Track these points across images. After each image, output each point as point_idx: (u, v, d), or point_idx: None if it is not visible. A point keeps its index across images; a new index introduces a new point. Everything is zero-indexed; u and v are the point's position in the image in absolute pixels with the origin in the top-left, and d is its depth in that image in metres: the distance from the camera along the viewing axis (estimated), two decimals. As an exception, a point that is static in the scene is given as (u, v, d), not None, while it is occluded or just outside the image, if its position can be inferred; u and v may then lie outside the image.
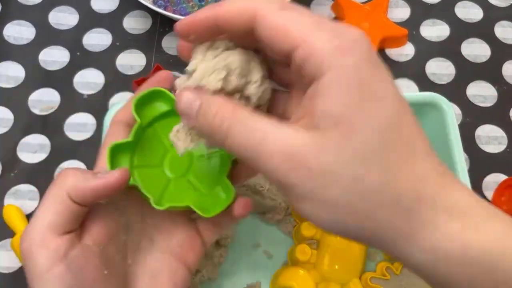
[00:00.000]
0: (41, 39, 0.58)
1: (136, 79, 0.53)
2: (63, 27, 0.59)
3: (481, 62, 0.57)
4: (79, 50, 0.57)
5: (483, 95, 0.55)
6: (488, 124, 0.53)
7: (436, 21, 0.59)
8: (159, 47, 0.57)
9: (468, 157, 0.51)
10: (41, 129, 0.52)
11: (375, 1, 0.59)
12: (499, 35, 0.58)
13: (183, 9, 0.57)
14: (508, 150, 0.52)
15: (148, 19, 0.59)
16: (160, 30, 0.58)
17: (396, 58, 0.57)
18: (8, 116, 0.53)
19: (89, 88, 0.55)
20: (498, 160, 0.51)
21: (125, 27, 0.59)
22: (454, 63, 0.56)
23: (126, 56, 0.57)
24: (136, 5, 0.59)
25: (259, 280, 0.44)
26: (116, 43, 0.58)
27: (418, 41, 0.58)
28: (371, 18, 0.57)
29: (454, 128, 0.43)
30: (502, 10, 0.60)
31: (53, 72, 0.56)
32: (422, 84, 0.55)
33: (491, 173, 0.50)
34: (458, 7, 0.60)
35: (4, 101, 0.54)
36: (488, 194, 0.49)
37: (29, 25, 0.59)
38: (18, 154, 0.51)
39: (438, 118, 0.44)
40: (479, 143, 0.52)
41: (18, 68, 0.56)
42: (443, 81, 0.56)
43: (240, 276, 0.44)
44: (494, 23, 0.59)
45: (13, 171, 0.51)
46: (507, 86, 0.55)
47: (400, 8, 0.60)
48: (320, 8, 0.60)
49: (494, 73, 0.56)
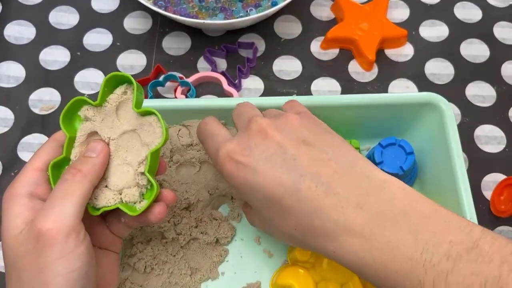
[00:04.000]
0: (42, 39, 0.58)
1: (137, 79, 0.54)
2: (63, 27, 0.59)
3: (480, 63, 0.57)
4: (80, 50, 0.57)
5: (482, 95, 0.55)
6: (487, 124, 0.53)
7: (435, 22, 0.59)
8: (159, 47, 0.57)
9: (467, 157, 0.51)
10: (41, 129, 0.53)
11: (375, 1, 0.59)
12: (498, 36, 0.58)
13: (183, 9, 0.57)
14: (507, 150, 0.52)
15: (148, 20, 0.59)
16: (161, 30, 0.58)
17: (395, 58, 0.57)
18: (8, 116, 0.53)
19: (90, 88, 0.55)
20: (497, 160, 0.51)
21: (126, 27, 0.59)
22: (453, 64, 0.57)
23: (127, 56, 0.57)
24: (137, 6, 0.59)
25: (259, 279, 0.44)
26: (117, 43, 0.58)
27: (417, 41, 0.58)
28: (371, 18, 0.57)
29: (453, 128, 0.44)
30: (501, 11, 0.60)
31: (53, 72, 0.56)
32: (421, 84, 0.55)
33: (490, 173, 0.51)
34: (457, 7, 0.60)
35: (5, 101, 0.54)
36: (487, 194, 0.50)
37: (30, 25, 0.59)
38: (19, 153, 0.51)
39: (437, 118, 0.45)
40: (478, 143, 0.52)
41: (18, 67, 0.56)
42: (442, 81, 0.56)
43: (240, 276, 0.44)
44: (493, 24, 0.59)
45: (13, 171, 0.51)
46: (506, 86, 0.55)
47: (400, 9, 0.60)
48: (320, 8, 0.60)
49: (493, 73, 0.56)
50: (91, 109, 0.35)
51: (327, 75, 0.56)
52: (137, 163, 0.34)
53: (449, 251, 0.28)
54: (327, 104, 0.46)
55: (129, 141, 0.34)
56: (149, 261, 0.43)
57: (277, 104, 0.45)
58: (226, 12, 0.57)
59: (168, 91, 0.55)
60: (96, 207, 0.34)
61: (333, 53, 0.57)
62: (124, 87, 0.35)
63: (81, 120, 0.35)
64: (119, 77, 0.34)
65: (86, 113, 0.35)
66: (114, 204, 0.33)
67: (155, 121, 0.33)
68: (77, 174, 0.32)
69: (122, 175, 0.34)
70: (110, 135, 0.34)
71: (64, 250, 0.30)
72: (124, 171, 0.34)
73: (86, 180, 0.32)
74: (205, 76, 0.55)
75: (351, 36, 0.56)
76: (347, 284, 0.42)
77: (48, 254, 0.29)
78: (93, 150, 0.33)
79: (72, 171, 0.32)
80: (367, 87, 0.55)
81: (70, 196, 0.31)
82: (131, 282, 0.43)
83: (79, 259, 0.30)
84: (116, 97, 0.34)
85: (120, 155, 0.34)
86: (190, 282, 0.43)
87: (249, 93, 0.55)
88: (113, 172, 0.34)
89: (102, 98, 0.34)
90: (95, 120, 0.35)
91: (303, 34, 0.59)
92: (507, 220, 0.48)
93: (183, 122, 0.46)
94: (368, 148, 0.49)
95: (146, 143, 0.34)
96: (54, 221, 0.30)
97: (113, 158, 0.34)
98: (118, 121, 0.35)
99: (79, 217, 0.31)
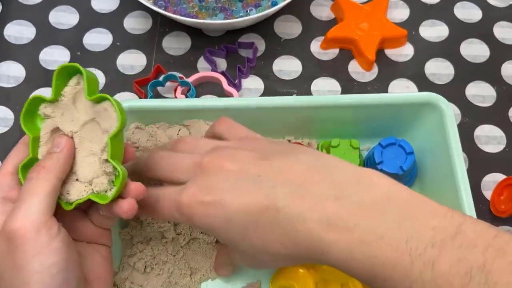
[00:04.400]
0: (42, 39, 0.58)
1: (137, 79, 0.54)
2: (63, 26, 0.59)
3: (480, 62, 0.57)
4: (80, 50, 0.57)
5: (482, 95, 0.55)
6: (487, 124, 0.53)
7: (435, 22, 0.59)
8: (159, 47, 0.57)
9: (467, 157, 0.51)
10: (41, 129, 0.53)
11: (375, 1, 0.59)
12: (498, 36, 0.58)
13: (183, 9, 0.57)
14: (507, 150, 0.52)
15: (148, 19, 0.59)
16: (161, 30, 0.58)
17: (395, 58, 0.57)
18: (8, 116, 0.53)
19: (90, 88, 0.55)
20: (497, 160, 0.51)
21: (126, 27, 0.59)
22: (453, 63, 0.57)
23: (127, 56, 0.57)
24: (137, 5, 0.59)
25: (259, 279, 0.44)
26: (117, 43, 0.58)
27: (417, 41, 0.58)
28: (371, 18, 0.57)
29: (453, 128, 0.44)
30: (501, 11, 0.60)
31: (53, 71, 0.56)
32: (421, 84, 0.55)
33: (490, 173, 0.51)
34: (457, 7, 0.60)
35: (5, 101, 0.54)
36: (487, 193, 0.50)
37: (30, 25, 0.59)
38: (19, 153, 0.51)
39: (437, 118, 0.45)
40: (478, 143, 0.52)
41: (18, 67, 0.56)
42: (442, 81, 0.56)
43: (240, 275, 0.44)
44: (493, 24, 0.59)
45: (14, 171, 0.51)
46: (506, 86, 0.55)
47: (400, 9, 0.60)
48: (320, 8, 0.60)
49: (493, 73, 0.56)
50: (48, 106, 0.34)
51: (327, 75, 0.56)
52: (99, 151, 0.33)
53: (434, 238, 0.27)
54: (327, 104, 0.46)
55: (91, 131, 0.34)
56: (149, 261, 0.43)
57: (277, 104, 0.46)
58: (226, 12, 0.57)
59: (168, 91, 0.55)
60: (70, 202, 0.33)
61: (333, 53, 0.57)
62: (76, 78, 0.34)
63: (42, 118, 0.35)
64: (69, 68, 0.34)
65: (45, 110, 0.34)
66: (86, 195, 0.33)
67: (109, 106, 0.33)
68: (41, 171, 0.32)
69: (89, 166, 0.34)
70: (72, 128, 0.34)
71: (36, 247, 0.30)
72: (91, 162, 0.34)
73: (51, 175, 0.32)
74: (205, 76, 0.55)
75: (351, 36, 0.56)
76: (347, 284, 0.42)
77: (22, 253, 0.30)
78: (57, 146, 0.33)
79: (36, 169, 0.32)
80: (367, 87, 0.55)
81: (35, 193, 0.31)
82: (131, 282, 0.43)
83: (54, 254, 0.30)
84: (71, 89, 0.34)
85: (85, 146, 0.34)
86: (190, 282, 0.44)
87: (249, 93, 0.55)
88: (81, 165, 0.34)
89: (56, 93, 0.34)
90: (55, 116, 0.34)
91: (303, 34, 0.59)
92: (507, 220, 0.48)
93: (183, 122, 0.46)
94: (368, 148, 0.49)
95: (105, 129, 0.33)
96: (22, 220, 0.30)
97: (79, 151, 0.34)
98: (77, 113, 0.34)
99: (48, 213, 0.31)
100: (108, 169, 0.33)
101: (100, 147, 0.33)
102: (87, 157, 0.34)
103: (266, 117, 0.46)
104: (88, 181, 0.34)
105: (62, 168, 0.33)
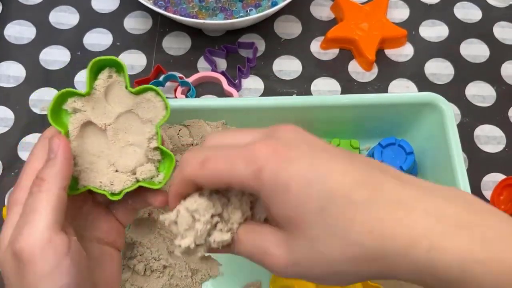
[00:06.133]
0: (42, 39, 0.58)
1: (137, 79, 0.54)
2: (63, 26, 0.59)
3: (480, 62, 0.57)
4: (80, 50, 0.57)
5: (482, 95, 0.55)
6: (487, 124, 0.53)
7: (435, 22, 0.59)
8: (159, 47, 0.57)
9: (467, 157, 0.51)
10: (41, 129, 0.52)
11: (375, 1, 0.59)
12: (498, 36, 0.58)
13: (183, 9, 0.57)
14: (507, 150, 0.52)
15: (148, 20, 0.59)
16: (161, 30, 0.58)
17: (395, 58, 0.57)
18: (8, 116, 0.53)
19: (90, 88, 0.55)
20: (497, 160, 0.51)
21: (126, 27, 0.59)
22: (453, 64, 0.57)
23: (127, 56, 0.57)
24: (137, 6, 0.59)
25: (259, 280, 0.44)
26: (117, 43, 0.58)
27: (417, 41, 0.58)
28: (371, 18, 0.57)
29: (453, 128, 0.44)
30: (501, 11, 0.60)
31: (53, 71, 0.56)
32: (421, 84, 0.55)
33: (490, 173, 0.51)
34: (457, 7, 0.60)
35: (5, 101, 0.54)
36: (486, 193, 0.50)
37: (30, 25, 0.59)
38: (19, 153, 0.51)
39: (437, 118, 0.45)
40: (478, 143, 0.52)
41: (18, 67, 0.56)
42: (442, 81, 0.56)
43: (241, 276, 0.44)
44: (493, 24, 0.59)
45: (13, 171, 0.51)
46: (505, 86, 0.55)
47: (400, 9, 0.60)
48: (320, 8, 0.60)
49: (493, 73, 0.56)
50: (78, 100, 0.34)
51: (327, 75, 0.56)
52: (145, 140, 0.34)
53: None
54: (327, 104, 0.46)
55: (126, 123, 0.34)
56: (149, 264, 0.43)
57: (277, 104, 0.46)
58: (226, 12, 0.57)
59: (168, 91, 0.55)
60: (115, 192, 0.33)
61: (333, 53, 0.57)
62: (107, 71, 0.34)
63: (68, 114, 0.34)
64: (102, 61, 0.34)
65: (74, 105, 0.34)
66: (132, 184, 0.33)
67: (153, 96, 0.33)
68: (42, 184, 0.30)
69: (130, 156, 0.34)
70: (105, 121, 0.34)
71: (45, 268, 0.28)
72: (131, 152, 0.34)
73: (52, 187, 0.30)
74: (205, 76, 0.55)
75: (351, 36, 0.56)
76: (347, 284, 0.42)
77: (30, 275, 0.28)
78: (51, 150, 0.31)
79: (36, 182, 0.30)
80: (367, 87, 0.55)
81: (38, 209, 0.29)
82: (131, 284, 0.43)
83: (65, 275, 0.28)
84: (102, 83, 0.34)
85: (120, 138, 0.34)
86: (191, 283, 0.44)
87: (249, 93, 0.55)
88: (120, 156, 0.34)
89: (90, 87, 0.34)
90: (85, 110, 0.34)
91: (303, 34, 0.59)
92: (507, 220, 0.48)
93: (183, 122, 0.46)
94: (368, 148, 0.50)
95: (148, 119, 0.34)
96: (25, 240, 0.28)
97: (114, 143, 0.34)
98: (109, 105, 0.34)
99: (54, 228, 0.29)
100: (156, 157, 0.34)
101: (142, 137, 0.34)
102: (124, 148, 0.34)
103: (266, 117, 0.46)
104: (130, 170, 0.34)
105: (62, 175, 0.31)
